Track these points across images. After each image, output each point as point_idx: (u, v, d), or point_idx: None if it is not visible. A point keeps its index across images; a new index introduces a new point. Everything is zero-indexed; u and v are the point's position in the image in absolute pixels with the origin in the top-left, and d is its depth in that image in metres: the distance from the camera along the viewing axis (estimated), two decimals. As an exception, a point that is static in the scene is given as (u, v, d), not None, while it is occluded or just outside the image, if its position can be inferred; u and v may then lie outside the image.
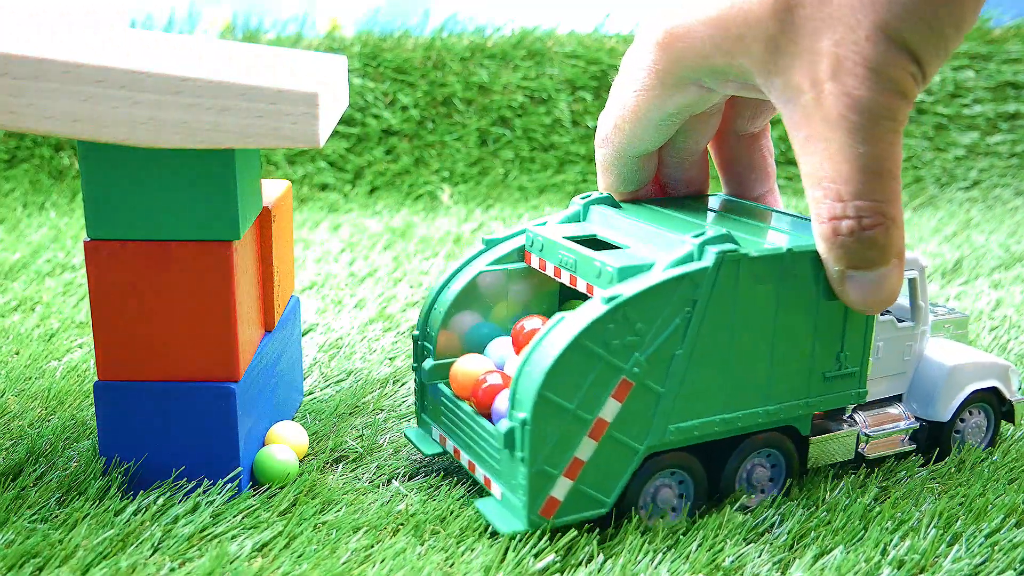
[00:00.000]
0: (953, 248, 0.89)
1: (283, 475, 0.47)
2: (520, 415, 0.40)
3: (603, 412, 0.41)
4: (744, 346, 0.43)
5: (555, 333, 0.40)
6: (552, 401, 0.40)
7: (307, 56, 0.46)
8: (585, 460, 0.41)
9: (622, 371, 0.40)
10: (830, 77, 0.40)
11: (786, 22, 0.40)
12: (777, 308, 0.43)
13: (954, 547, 0.43)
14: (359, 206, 0.99)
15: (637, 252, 0.44)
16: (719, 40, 0.42)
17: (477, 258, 0.49)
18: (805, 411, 0.45)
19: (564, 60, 1.12)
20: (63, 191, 0.96)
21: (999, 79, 1.22)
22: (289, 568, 0.40)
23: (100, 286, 0.43)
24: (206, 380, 0.44)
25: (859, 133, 0.40)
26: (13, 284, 0.72)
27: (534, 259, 0.48)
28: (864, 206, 0.41)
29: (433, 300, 0.49)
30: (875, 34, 0.39)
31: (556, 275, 0.47)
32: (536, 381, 0.39)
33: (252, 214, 0.45)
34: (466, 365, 0.47)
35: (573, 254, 0.45)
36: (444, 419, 0.48)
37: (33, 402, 0.54)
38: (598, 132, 0.50)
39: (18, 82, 0.39)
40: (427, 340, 0.49)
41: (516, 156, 1.08)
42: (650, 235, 0.45)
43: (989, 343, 0.66)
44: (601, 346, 0.40)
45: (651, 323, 0.41)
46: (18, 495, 0.44)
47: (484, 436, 0.44)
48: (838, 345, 0.45)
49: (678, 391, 0.42)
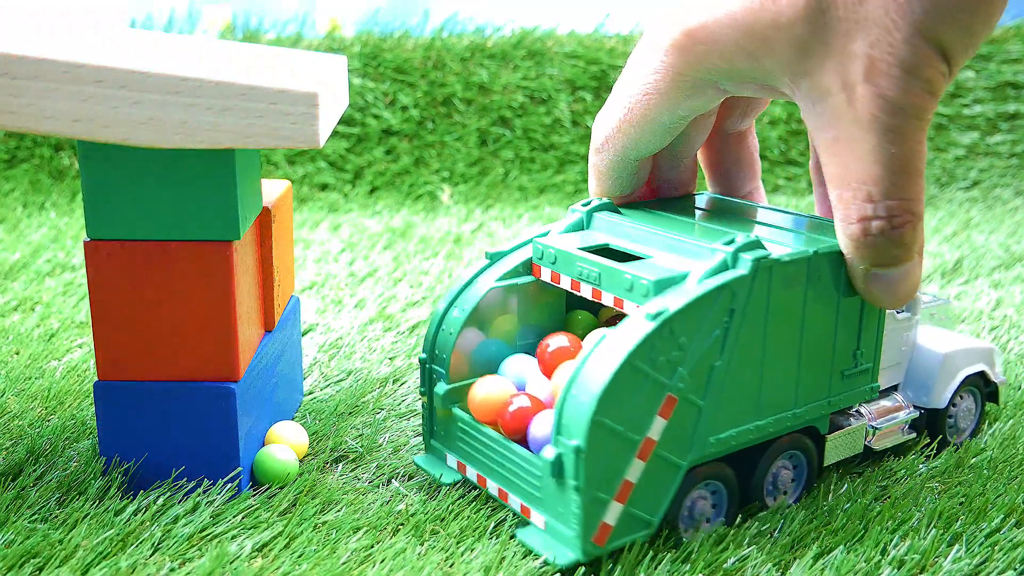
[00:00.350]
0: (953, 248, 0.89)
1: (283, 475, 0.47)
2: (572, 442, 0.38)
3: (651, 431, 0.40)
4: (775, 351, 0.43)
5: (601, 354, 0.39)
6: (605, 426, 0.38)
7: (307, 56, 0.46)
8: (635, 482, 0.40)
9: (668, 388, 0.40)
10: (863, 79, 0.39)
11: (817, 24, 0.40)
12: (804, 310, 0.43)
13: (954, 547, 0.43)
14: (359, 206, 0.99)
15: (665, 263, 0.43)
16: (744, 42, 0.42)
17: (482, 273, 0.47)
18: (826, 410, 0.46)
19: (564, 60, 1.12)
20: (63, 191, 0.96)
21: (999, 79, 1.22)
22: (289, 568, 0.40)
23: (100, 286, 0.43)
24: (206, 380, 0.44)
25: (891, 134, 0.40)
26: (13, 284, 0.72)
27: (544, 272, 0.47)
28: (894, 205, 0.41)
29: (440, 320, 0.46)
30: (912, 36, 0.39)
31: (573, 288, 0.45)
32: (588, 406, 0.38)
33: (252, 214, 0.45)
34: (486, 388, 0.45)
35: (596, 267, 0.44)
36: (462, 446, 0.46)
37: (33, 402, 0.54)
38: (595, 137, 0.49)
39: (18, 82, 0.39)
40: (437, 363, 0.46)
41: (516, 156, 1.08)
42: (670, 243, 0.44)
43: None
44: (649, 364, 0.39)
45: (693, 336, 0.40)
46: (18, 495, 0.44)
47: (520, 463, 0.42)
48: (855, 342, 0.46)
49: (717, 402, 0.41)
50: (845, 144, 0.41)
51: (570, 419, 0.39)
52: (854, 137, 0.40)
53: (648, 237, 0.45)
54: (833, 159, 0.41)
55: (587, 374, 0.39)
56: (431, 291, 0.73)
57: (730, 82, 0.44)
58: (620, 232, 0.47)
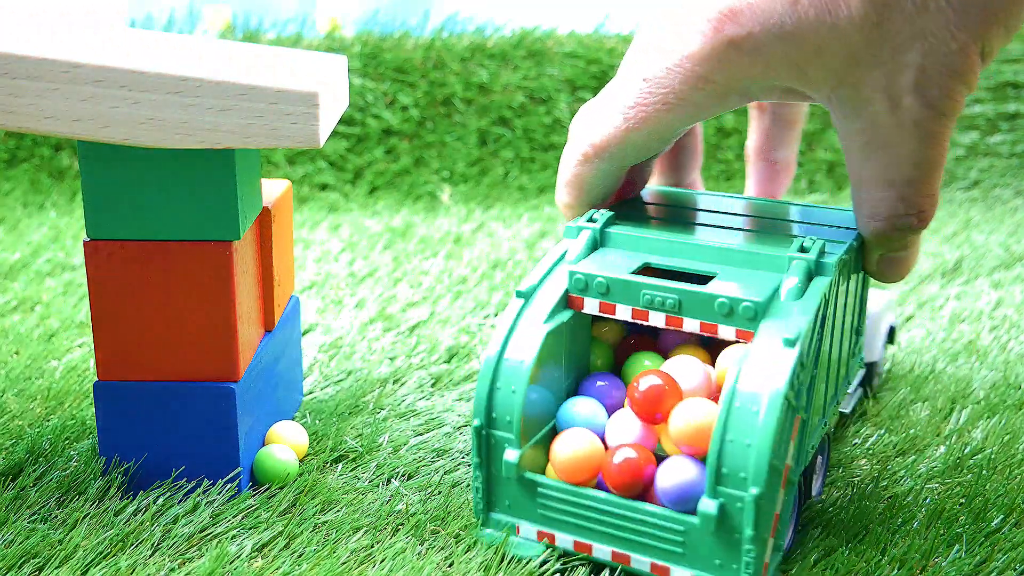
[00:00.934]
0: (953, 248, 0.89)
1: (283, 475, 0.47)
2: (752, 491, 0.36)
3: (788, 457, 0.38)
4: (836, 347, 0.43)
5: (748, 391, 0.37)
6: (776, 468, 0.37)
7: (307, 56, 0.46)
8: (779, 512, 0.38)
9: (797, 410, 0.38)
10: (912, 89, 0.40)
11: (871, 36, 0.39)
12: (846, 300, 0.44)
13: (954, 547, 0.43)
14: (359, 206, 0.99)
15: (743, 279, 0.41)
16: (793, 54, 0.40)
17: (522, 316, 0.42)
18: (844, 393, 0.46)
19: (564, 60, 1.12)
20: (63, 191, 0.96)
21: (999, 79, 1.22)
22: (289, 568, 0.40)
23: (100, 286, 0.43)
24: (206, 380, 0.44)
25: (930, 139, 0.40)
26: (13, 284, 0.72)
27: (590, 304, 0.42)
28: (923, 201, 0.42)
29: (492, 377, 0.41)
30: (967, 45, 0.39)
31: (636, 318, 0.42)
32: (763, 451, 0.36)
33: (252, 214, 0.45)
34: (572, 444, 0.40)
35: (674, 292, 0.40)
36: (547, 513, 0.41)
37: (33, 402, 0.54)
38: (582, 147, 0.45)
39: (18, 82, 0.39)
40: (500, 428, 0.41)
41: (516, 156, 1.08)
42: (721, 255, 0.42)
43: (989, 343, 0.66)
44: (793, 392, 0.37)
45: (807, 352, 0.39)
46: (18, 495, 0.44)
47: (650, 521, 0.39)
48: (857, 320, 0.47)
49: (811, 411, 0.41)
50: (880, 148, 0.41)
51: (737, 467, 0.36)
52: (892, 143, 0.41)
53: (689, 250, 0.43)
54: (866, 163, 0.42)
55: (741, 416, 0.37)
56: (431, 291, 0.73)
57: (759, 88, 0.42)
58: (651, 248, 0.44)
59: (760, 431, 0.36)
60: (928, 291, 0.76)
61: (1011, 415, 0.55)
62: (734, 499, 0.37)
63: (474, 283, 0.75)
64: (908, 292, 0.75)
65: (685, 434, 0.39)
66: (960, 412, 0.55)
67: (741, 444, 0.36)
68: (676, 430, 0.39)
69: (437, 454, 0.50)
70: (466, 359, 0.62)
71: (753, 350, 0.38)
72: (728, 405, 0.37)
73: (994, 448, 0.51)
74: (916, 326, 0.68)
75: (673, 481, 0.39)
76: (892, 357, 0.63)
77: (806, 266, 0.40)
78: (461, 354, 0.62)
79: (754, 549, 0.37)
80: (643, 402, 0.40)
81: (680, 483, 0.38)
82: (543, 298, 0.42)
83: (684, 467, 0.39)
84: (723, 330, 0.40)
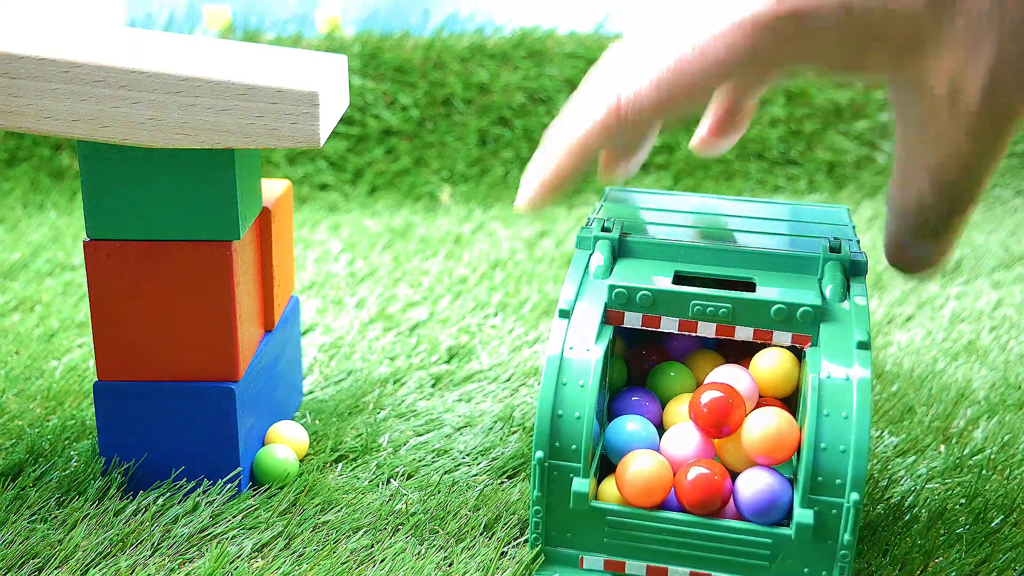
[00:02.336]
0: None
1: (283, 475, 0.47)
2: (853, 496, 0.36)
3: None
4: None
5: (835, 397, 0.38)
6: None
7: (307, 56, 0.46)
8: None
9: None
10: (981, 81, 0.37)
11: (941, 20, 0.37)
12: None
13: (954, 547, 0.43)
14: (359, 206, 0.99)
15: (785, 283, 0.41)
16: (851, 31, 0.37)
17: (567, 337, 0.40)
18: None
19: (564, 60, 1.12)
20: (63, 191, 0.96)
21: (999, 79, 1.22)
22: (289, 568, 0.40)
23: (100, 286, 0.43)
24: (206, 380, 0.44)
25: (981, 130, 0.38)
26: (13, 284, 0.72)
27: (631, 318, 0.41)
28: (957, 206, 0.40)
29: (552, 406, 0.39)
30: None
31: (684, 329, 0.41)
32: (861, 458, 0.37)
33: (252, 214, 0.45)
34: (642, 466, 0.39)
35: (727, 301, 0.40)
36: (614, 540, 0.40)
37: (33, 402, 0.54)
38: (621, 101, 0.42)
39: (18, 82, 0.39)
40: (566, 458, 0.39)
41: (516, 156, 1.08)
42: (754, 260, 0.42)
43: (989, 343, 0.66)
44: None
45: None
46: (18, 495, 0.44)
47: (733, 537, 0.39)
48: None
49: None
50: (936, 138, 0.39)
51: (834, 474, 0.37)
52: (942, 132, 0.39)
53: (719, 256, 0.43)
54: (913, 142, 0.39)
55: (829, 425, 0.37)
56: (431, 291, 0.73)
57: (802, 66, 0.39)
58: (677, 255, 0.43)
59: (855, 436, 0.37)
60: (928, 291, 0.76)
61: (1011, 415, 0.55)
62: (830, 506, 0.37)
63: (474, 283, 0.75)
64: (908, 292, 0.75)
65: (763, 444, 0.39)
66: (960, 412, 0.55)
67: (836, 451, 0.37)
68: (751, 441, 0.39)
69: (437, 454, 0.50)
70: (466, 359, 0.61)
71: (826, 355, 0.38)
72: (816, 413, 0.37)
73: (994, 448, 0.51)
74: (916, 326, 0.68)
75: (757, 494, 0.38)
76: (892, 357, 0.63)
77: (840, 265, 0.41)
78: (461, 354, 0.62)
79: (849, 554, 0.37)
80: (710, 416, 0.40)
81: (764, 495, 0.38)
82: (583, 316, 0.41)
83: (765, 479, 0.39)
84: (778, 336, 0.40)
